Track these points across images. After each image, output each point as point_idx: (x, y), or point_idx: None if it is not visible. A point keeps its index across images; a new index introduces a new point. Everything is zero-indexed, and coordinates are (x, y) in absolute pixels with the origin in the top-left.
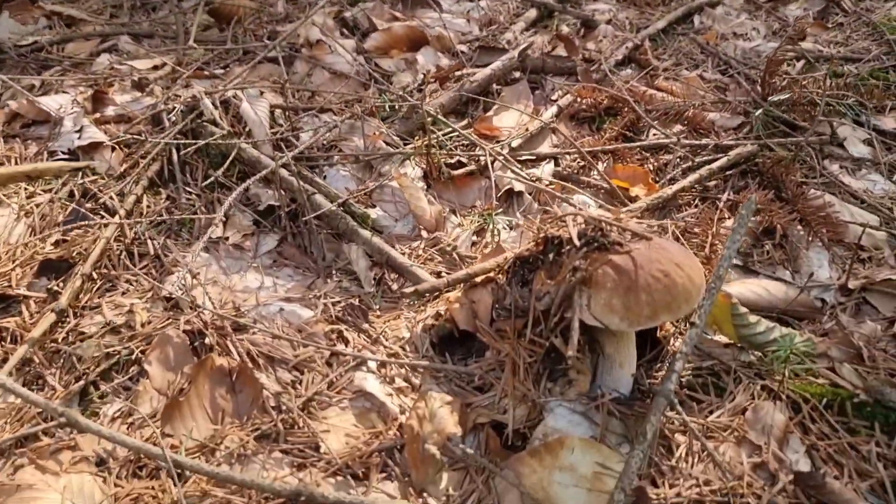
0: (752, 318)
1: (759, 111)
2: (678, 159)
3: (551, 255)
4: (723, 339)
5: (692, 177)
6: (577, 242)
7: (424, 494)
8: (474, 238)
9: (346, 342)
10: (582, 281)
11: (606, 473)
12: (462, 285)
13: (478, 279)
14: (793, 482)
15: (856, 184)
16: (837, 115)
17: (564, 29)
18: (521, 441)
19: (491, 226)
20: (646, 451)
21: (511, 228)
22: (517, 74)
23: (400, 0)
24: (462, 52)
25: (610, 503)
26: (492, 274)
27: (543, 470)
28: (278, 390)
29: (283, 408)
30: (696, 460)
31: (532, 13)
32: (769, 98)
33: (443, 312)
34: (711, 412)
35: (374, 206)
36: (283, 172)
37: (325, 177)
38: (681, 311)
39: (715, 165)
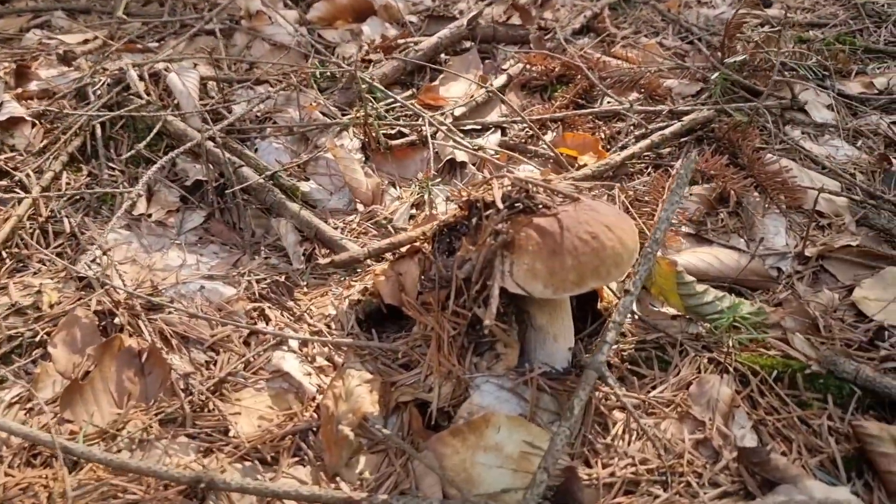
0: (699, 287)
1: (717, 74)
2: (631, 126)
3: (475, 220)
4: (671, 310)
5: (643, 143)
6: (500, 205)
7: (337, 479)
8: (413, 211)
9: (268, 320)
10: (503, 245)
11: (534, 453)
12: (392, 257)
13: (404, 249)
14: (736, 459)
15: (817, 149)
16: (800, 80)
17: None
18: (446, 421)
19: (428, 195)
20: (573, 427)
21: (450, 199)
22: (467, 45)
23: None
24: (410, 22)
25: (532, 485)
26: (418, 243)
27: (466, 450)
28: (190, 371)
29: (193, 390)
30: (633, 438)
31: None
32: (727, 60)
33: (370, 287)
34: (654, 387)
35: (307, 180)
36: (210, 145)
37: (256, 150)
38: (610, 277)
39: (668, 131)
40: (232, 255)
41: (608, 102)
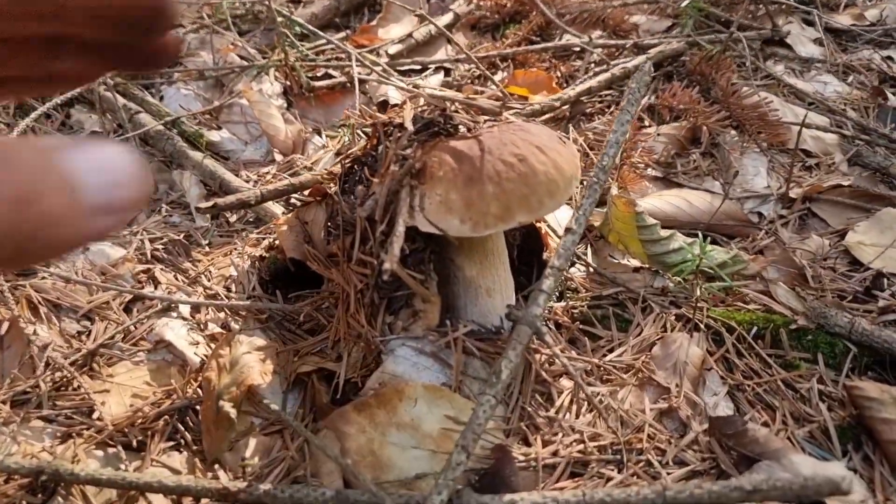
0: (664, 232)
1: (688, 2)
2: (591, 64)
3: (381, 148)
4: (633, 262)
5: (603, 76)
6: (409, 126)
7: (216, 467)
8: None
9: (157, 284)
10: (410, 173)
11: (459, 430)
12: (298, 203)
13: (307, 192)
14: (707, 431)
15: (803, 85)
16: (783, 10)
17: None
18: (357, 395)
19: (352, 136)
20: (501, 395)
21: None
22: None
23: None
24: None
25: (446, 468)
26: (325, 184)
27: (374, 429)
28: (53, 343)
29: (56, 365)
30: (582, 410)
31: None
32: None
33: (276, 242)
34: (611, 350)
35: (219, 129)
36: (103, 90)
37: (161, 97)
38: (543, 208)
39: (631, 64)
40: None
41: (567, 39)
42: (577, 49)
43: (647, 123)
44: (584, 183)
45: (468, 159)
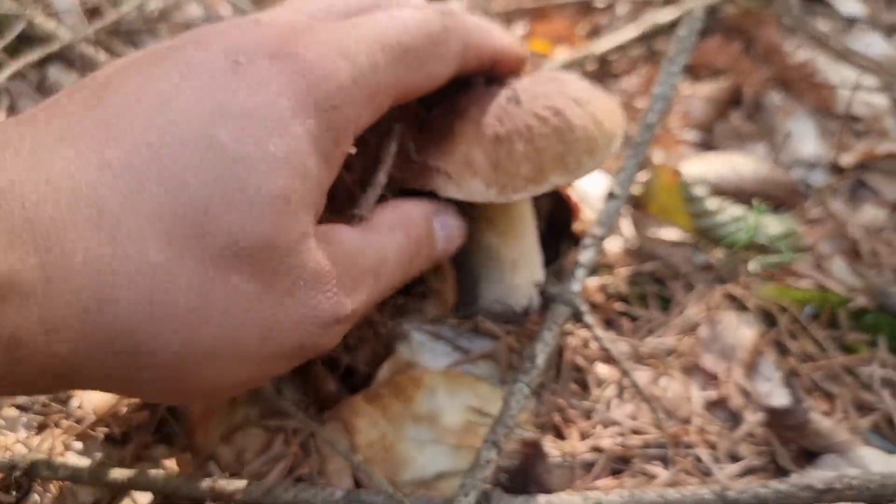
0: (713, 204)
1: None
2: (619, 20)
3: None
4: (672, 235)
5: (618, 38)
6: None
7: (210, 463)
8: None
9: None
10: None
11: (483, 423)
12: None
13: None
14: (764, 423)
15: (849, 44)
16: None
17: None
18: (369, 384)
19: None
20: (534, 382)
21: None
22: None
23: None
24: None
25: (474, 466)
26: None
27: (388, 422)
28: None
29: None
30: (623, 400)
31: None
32: None
33: None
34: (651, 331)
35: None
36: (85, 46)
37: None
38: (581, 169)
39: (648, 26)
40: None
41: None
42: (602, 6)
43: (682, 82)
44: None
45: (494, 113)
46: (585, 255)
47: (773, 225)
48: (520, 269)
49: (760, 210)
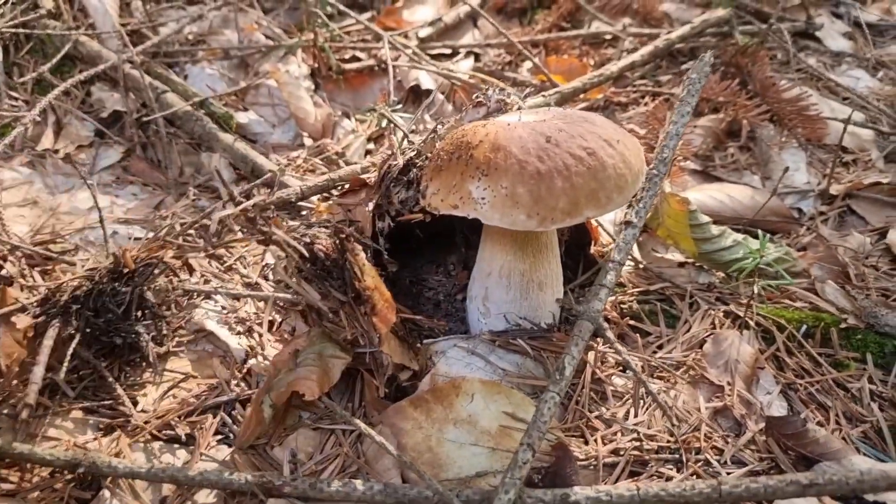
0: (716, 230)
1: None
2: (624, 52)
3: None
4: (676, 257)
5: (645, 49)
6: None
7: (267, 464)
8: (370, 146)
9: (192, 271)
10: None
11: (517, 427)
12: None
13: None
14: (764, 431)
15: (838, 80)
16: (812, 2)
17: None
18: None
19: (386, 121)
20: (563, 392)
21: (415, 131)
22: None
23: None
24: None
25: (512, 466)
26: (366, 176)
27: (431, 425)
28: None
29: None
30: (639, 409)
31: None
32: None
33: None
34: (661, 346)
35: (245, 111)
36: (129, 69)
37: (185, 77)
38: (612, 204)
39: (674, 35)
40: (154, 197)
41: (596, 28)
42: (609, 37)
43: None
44: (646, 176)
45: (535, 152)
46: (607, 278)
47: (770, 251)
48: (545, 287)
49: (764, 242)
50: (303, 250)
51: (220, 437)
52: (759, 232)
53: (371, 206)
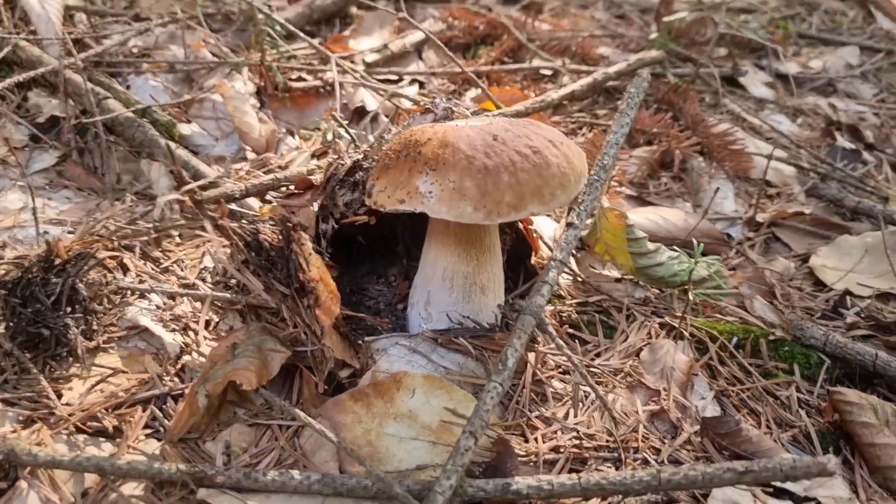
0: (651, 246)
1: (656, 35)
2: (563, 88)
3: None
4: (613, 273)
5: (584, 80)
6: (414, 110)
7: (198, 456)
8: (314, 162)
9: (126, 271)
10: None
11: (458, 423)
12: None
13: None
14: (700, 432)
15: (761, 122)
16: (737, 54)
17: None
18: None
19: (331, 135)
20: (505, 384)
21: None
22: (383, 3)
23: None
24: None
25: (454, 453)
26: (316, 178)
27: (371, 419)
28: None
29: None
30: (578, 409)
31: None
32: (664, 19)
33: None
34: (599, 354)
35: (188, 122)
36: (70, 74)
37: (128, 87)
38: (555, 201)
39: (612, 70)
40: (89, 201)
41: (538, 63)
42: (549, 73)
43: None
44: (587, 181)
45: (482, 149)
46: (550, 275)
47: (702, 267)
48: (488, 291)
49: (698, 250)
50: (248, 238)
51: (149, 430)
52: (693, 241)
53: (315, 206)
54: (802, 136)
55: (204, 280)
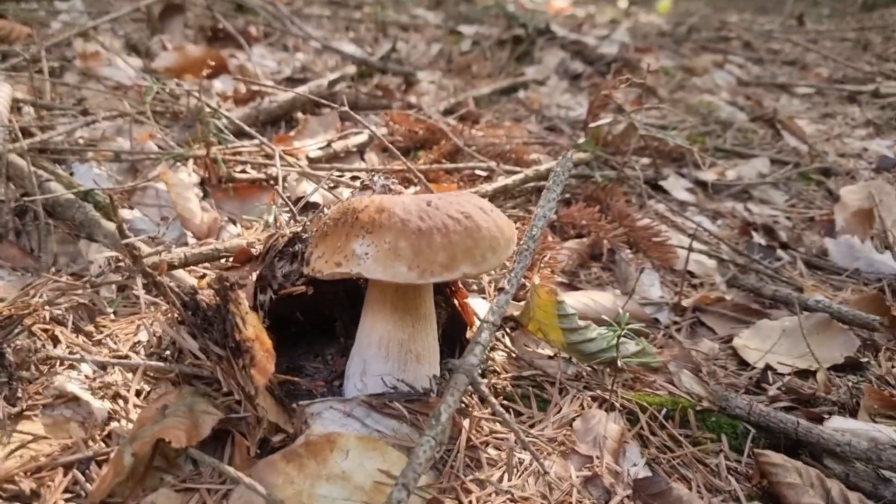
0: (582, 322)
1: (583, 140)
2: (496, 182)
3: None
4: (547, 351)
5: (517, 176)
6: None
7: None
8: (255, 237)
9: (56, 342)
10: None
11: (391, 484)
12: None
13: (232, 260)
14: (632, 495)
15: (682, 221)
16: (659, 162)
17: (385, 83)
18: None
19: (273, 216)
20: (439, 438)
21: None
22: (327, 111)
23: (206, 39)
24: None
25: None
26: (254, 250)
27: (304, 480)
28: None
29: None
30: (513, 474)
31: (351, 69)
32: (591, 125)
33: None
34: (533, 426)
35: (131, 209)
36: (13, 157)
37: (72, 173)
38: (486, 263)
39: (543, 167)
40: (22, 280)
41: (475, 164)
42: (485, 174)
43: (551, 239)
44: (517, 249)
45: (417, 212)
46: (482, 336)
47: (630, 345)
48: (423, 360)
49: (624, 318)
50: (185, 297)
51: (70, 494)
52: (620, 310)
53: (254, 276)
54: (722, 235)
55: (138, 353)
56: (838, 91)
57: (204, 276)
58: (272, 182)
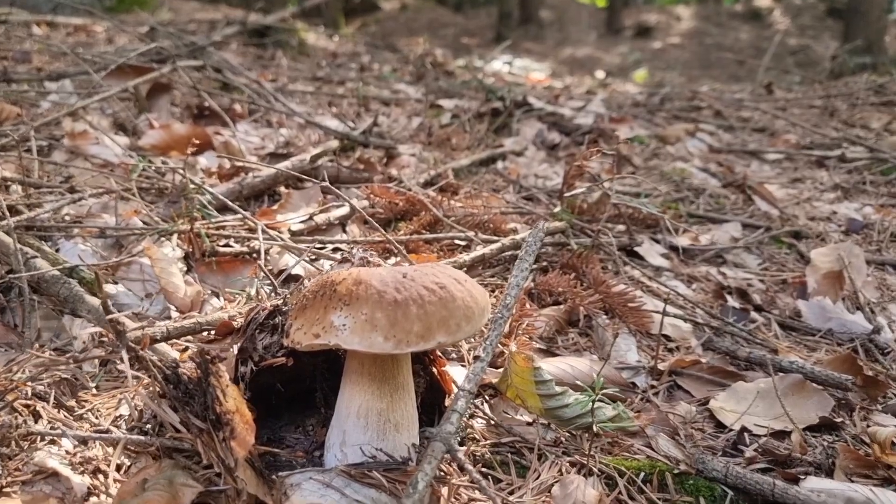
0: (559, 388)
1: (560, 208)
2: (474, 252)
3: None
4: (525, 417)
5: (493, 245)
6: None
7: None
8: (237, 310)
9: (38, 418)
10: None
11: None
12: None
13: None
14: None
15: (656, 286)
16: (634, 229)
17: (367, 156)
18: None
19: (255, 289)
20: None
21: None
22: (309, 185)
23: (192, 116)
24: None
25: None
26: (235, 322)
27: None
28: None
29: None
30: None
31: (333, 143)
32: (566, 194)
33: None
34: (512, 492)
35: (115, 284)
36: (0, 235)
37: (57, 249)
38: (460, 332)
39: (519, 237)
40: (6, 356)
41: (454, 234)
42: (464, 244)
43: (528, 306)
44: (490, 318)
45: (393, 284)
46: (459, 404)
47: (607, 409)
48: (402, 429)
49: (599, 382)
50: (166, 371)
51: None
52: (594, 375)
53: (236, 349)
54: (697, 299)
55: (119, 427)
56: (807, 156)
57: (186, 348)
58: (255, 255)
